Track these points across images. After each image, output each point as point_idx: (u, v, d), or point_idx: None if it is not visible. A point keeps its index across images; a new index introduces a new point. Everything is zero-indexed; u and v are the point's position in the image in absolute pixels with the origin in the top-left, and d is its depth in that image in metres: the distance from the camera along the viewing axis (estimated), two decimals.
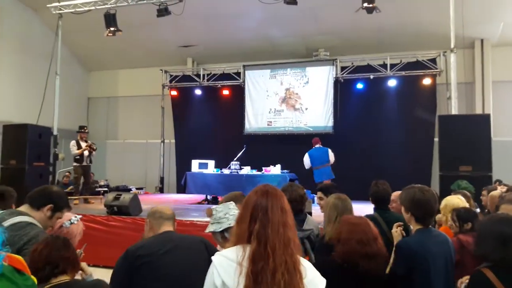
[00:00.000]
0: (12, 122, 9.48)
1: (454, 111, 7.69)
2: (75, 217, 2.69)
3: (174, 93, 13.26)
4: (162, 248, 2.39)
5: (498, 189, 5.21)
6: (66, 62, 11.35)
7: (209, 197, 10.03)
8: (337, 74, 11.55)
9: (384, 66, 11.07)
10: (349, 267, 2.36)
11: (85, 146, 9.35)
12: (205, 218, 6.82)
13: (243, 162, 10.00)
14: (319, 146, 9.60)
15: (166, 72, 13.31)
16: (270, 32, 11.70)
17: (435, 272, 2.45)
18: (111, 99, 15.05)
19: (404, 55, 11.08)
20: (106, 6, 9.69)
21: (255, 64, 12.60)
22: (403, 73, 10.96)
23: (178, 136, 13.65)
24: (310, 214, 5.04)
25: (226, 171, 9.90)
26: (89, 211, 7.27)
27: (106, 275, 2.31)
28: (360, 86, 11.53)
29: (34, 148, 8.58)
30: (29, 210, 2.49)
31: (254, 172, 9.72)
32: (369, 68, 11.23)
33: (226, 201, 2.65)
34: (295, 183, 3.72)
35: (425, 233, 2.57)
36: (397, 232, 2.83)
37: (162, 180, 13.34)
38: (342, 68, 11.58)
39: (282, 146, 11.59)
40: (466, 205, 3.54)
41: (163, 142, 13.57)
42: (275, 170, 9.60)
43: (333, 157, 9.41)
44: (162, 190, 13.20)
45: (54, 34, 10.20)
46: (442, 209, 3.48)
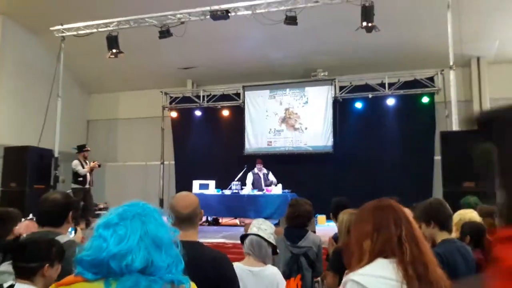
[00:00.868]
0: (13, 145, 9.46)
1: (455, 128, 7.74)
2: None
3: (174, 114, 13.30)
4: None
5: None
6: (66, 84, 11.39)
7: (209, 218, 9.95)
8: (335, 93, 11.64)
9: (382, 85, 11.18)
10: None
11: (92, 164, 9.09)
12: (206, 239, 6.76)
13: (244, 183, 9.97)
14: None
15: (166, 93, 13.38)
16: (269, 53, 11.84)
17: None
18: (111, 122, 15.07)
19: (402, 74, 11.20)
20: (108, 29, 9.80)
21: (255, 84, 12.70)
22: (402, 91, 11.05)
23: (178, 157, 13.62)
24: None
25: (227, 192, 9.85)
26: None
27: None
28: (359, 105, 11.61)
29: (35, 170, 8.60)
30: None
31: (255, 192, 9.69)
32: (367, 87, 11.32)
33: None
34: (303, 199, 3.71)
35: (450, 243, 2.51)
36: None
37: (161, 202, 13.22)
38: (341, 87, 11.67)
39: (282, 166, 11.56)
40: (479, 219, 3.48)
41: (163, 163, 13.54)
42: (277, 190, 9.58)
43: None
44: None
45: (55, 57, 10.28)
46: (456, 224, 3.43)
